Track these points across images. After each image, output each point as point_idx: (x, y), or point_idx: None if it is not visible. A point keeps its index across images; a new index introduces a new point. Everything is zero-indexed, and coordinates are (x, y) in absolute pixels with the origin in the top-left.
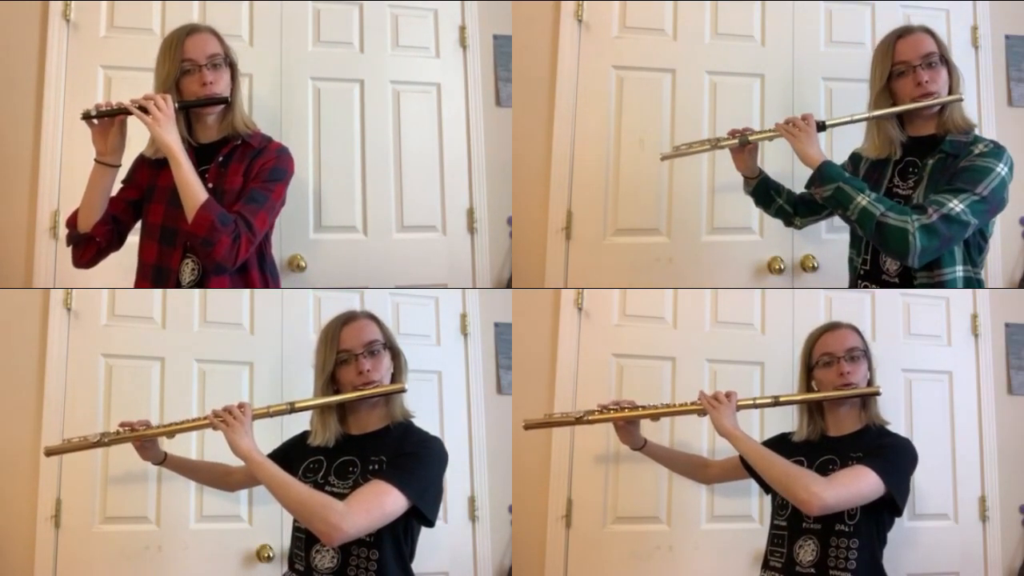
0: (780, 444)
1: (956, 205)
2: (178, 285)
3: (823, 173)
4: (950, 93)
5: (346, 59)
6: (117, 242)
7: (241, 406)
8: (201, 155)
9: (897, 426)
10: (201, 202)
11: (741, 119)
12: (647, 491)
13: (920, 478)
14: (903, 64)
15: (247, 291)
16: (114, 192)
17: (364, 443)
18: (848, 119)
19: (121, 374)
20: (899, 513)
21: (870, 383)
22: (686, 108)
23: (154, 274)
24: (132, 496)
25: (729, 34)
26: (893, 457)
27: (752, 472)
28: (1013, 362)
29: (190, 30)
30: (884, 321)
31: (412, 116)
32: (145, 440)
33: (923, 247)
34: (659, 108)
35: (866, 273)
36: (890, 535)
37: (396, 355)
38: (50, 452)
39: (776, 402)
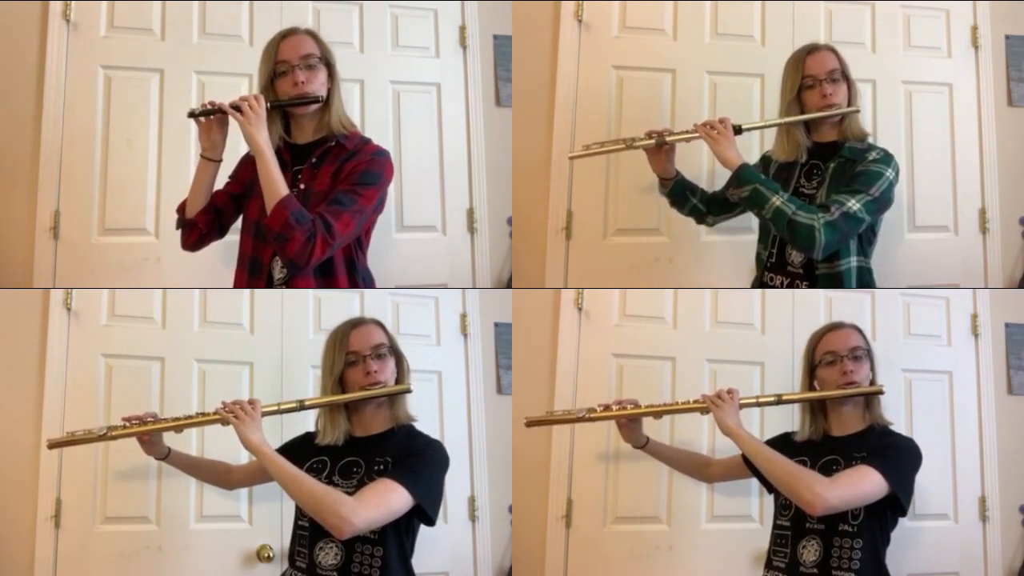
0: (783, 444)
1: (854, 204)
2: (270, 279)
3: (741, 175)
4: (849, 105)
5: (346, 59)
6: (218, 231)
7: (251, 401)
8: (297, 155)
9: (897, 426)
10: (280, 198)
11: (742, 119)
12: (647, 491)
13: (920, 478)
14: (811, 78)
15: (247, 291)
16: (222, 186)
17: (369, 444)
18: (763, 124)
19: (121, 374)
20: (903, 513)
21: (872, 383)
22: (686, 108)
23: (250, 265)
24: (132, 496)
25: (729, 34)
26: (897, 457)
27: (755, 471)
28: (1013, 362)
29: (286, 32)
30: (884, 321)
31: (412, 116)
32: (151, 434)
33: (827, 241)
34: (659, 108)
35: (772, 265)
36: (891, 534)
37: (400, 360)
38: (52, 444)
39: (779, 401)
